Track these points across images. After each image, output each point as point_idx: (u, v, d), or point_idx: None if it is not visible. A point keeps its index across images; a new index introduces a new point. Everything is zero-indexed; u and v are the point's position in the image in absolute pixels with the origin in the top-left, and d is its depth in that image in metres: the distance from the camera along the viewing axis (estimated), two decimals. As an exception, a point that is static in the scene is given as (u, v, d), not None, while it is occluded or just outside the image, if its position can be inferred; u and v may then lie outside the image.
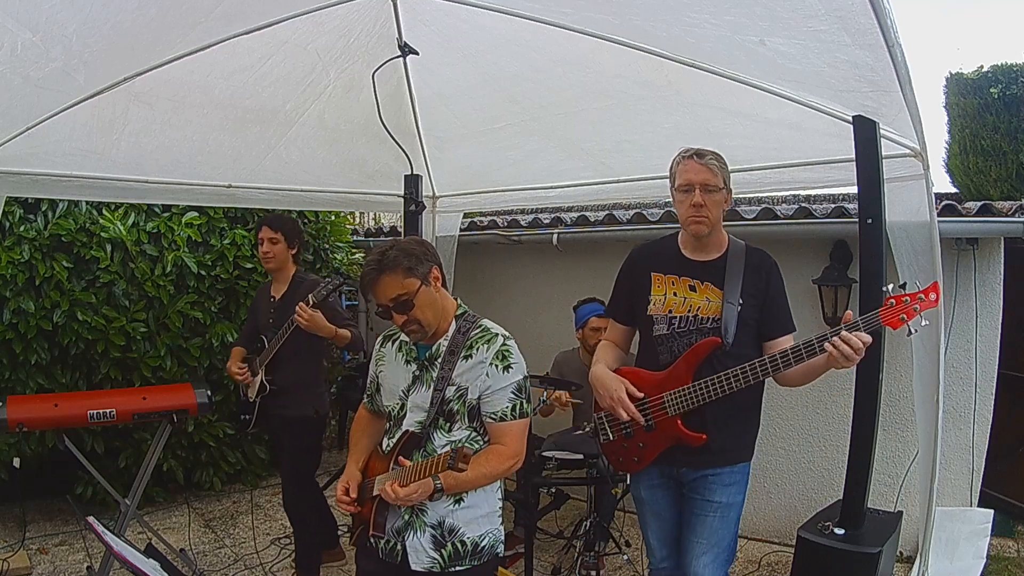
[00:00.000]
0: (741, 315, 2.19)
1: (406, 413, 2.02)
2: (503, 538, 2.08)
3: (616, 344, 2.47)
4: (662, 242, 2.41)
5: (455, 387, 1.95)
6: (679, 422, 2.20)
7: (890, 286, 2.04)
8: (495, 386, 1.94)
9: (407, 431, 1.98)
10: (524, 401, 1.98)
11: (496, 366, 1.94)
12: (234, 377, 3.51)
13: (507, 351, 1.97)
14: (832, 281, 3.80)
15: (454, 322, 2.02)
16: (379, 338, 2.19)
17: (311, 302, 3.09)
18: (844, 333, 1.97)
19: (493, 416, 1.95)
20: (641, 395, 2.25)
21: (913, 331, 2.01)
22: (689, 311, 2.24)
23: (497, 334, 2.00)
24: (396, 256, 1.90)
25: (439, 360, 1.98)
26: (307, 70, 3.07)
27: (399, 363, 2.07)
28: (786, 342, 2.22)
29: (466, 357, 1.96)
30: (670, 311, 2.26)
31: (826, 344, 1.99)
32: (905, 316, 1.98)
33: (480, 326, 2.02)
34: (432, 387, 1.97)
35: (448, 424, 1.97)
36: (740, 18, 2.13)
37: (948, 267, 3.43)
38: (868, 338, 1.98)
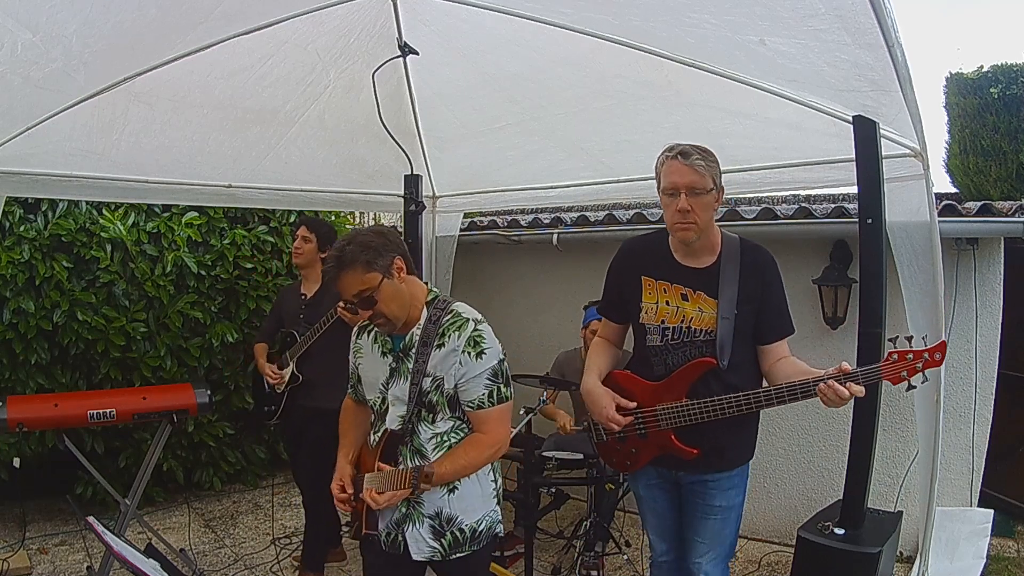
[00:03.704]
0: (737, 325, 2.12)
1: (388, 407, 2.00)
2: (500, 518, 2.08)
3: (610, 341, 2.42)
4: (653, 240, 2.30)
5: (431, 378, 1.92)
6: (672, 436, 2.17)
7: (897, 338, 1.97)
8: (470, 374, 1.90)
9: (387, 430, 1.97)
10: (502, 386, 1.94)
11: (469, 353, 1.89)
12: (268, 379, 3.58)
13: (479, 336, 1.91)
14: (832, 281, 3.80)
15: (425, 309, 1.98)
16: (355, 329, 2.15)
17: None
18: (834, 383, 1.92)
19: (471, 404, 1.93)
20: (634, 404, 2.21)
21: (912, 387, 1.94)
22: (682, 322, 2.16)
23: (468, 319, 1.94)
24: (353, 252, 1.86)
25: (413, 351, 1.95)
26: (307, 70, 3.07)
27: (375, 355, 2.05)
28: (782, 347, 2.17)
29: (439, 346, 1.92)
30: (663, 321, 2.19)
31: (819, 386, 1.94)
32: (907, 373, 1.92)
33: (451, 311, 1.96)
34: (410, 379, 1.94)
35: (431, 416, 1.95)
36: (740, 18, 2.13)
37: (948, 267, 3.42)
38: (860, 391, 1.92)
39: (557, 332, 4.89)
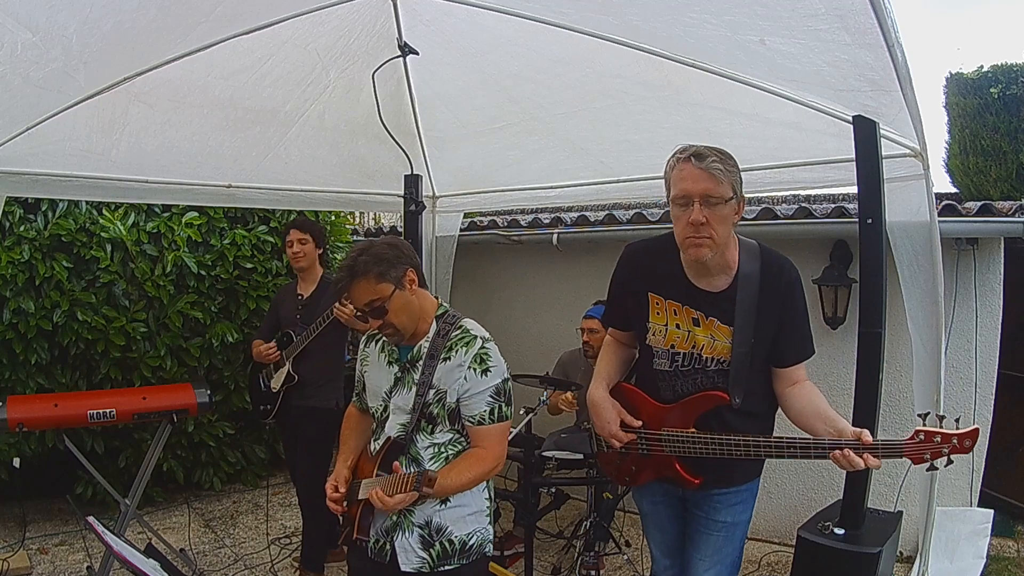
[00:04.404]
0: (754, 353, 1.94)
1: (389, 415, 2.01)
2: (491, 537, 2.08)
3: (622, 343, 2.25)
4: (661, 250, 2.04)
5: (435, 390, 1.95)
6: (675, 462, 2.04)
7: (927, 415, 1.79)
8: (473, 389, 1.93)
9: (389, 438, 1.98)
10: (503, 404, 1.97)
11: (474, 369, 1.92)
12: (264, 357, 3.56)
13: (486, 354, 1.94)
14: (832, 281, 3.80)
15: (435, 323, 2.01)
16: (363, 338, 2.19)
17: None
18: (850, 453, 1.76)
19: (472, 419, 1.95)
20: (639, 423, 2.08)
21: (934, 468, 1.78)
22: (693, 348, 1.98)
23: (476, 336, 1.97)
24: (367, 262, 1.89)
25: (420, 362, 1.97)
26: (307, 70, 3.07)
27: (381, 364, 2.07)
28: (799, 371, 2.00)
29: (445, 359, 1.95)
30: (672, 346, 2.01)
31: (834, 452, 1.79)
32: (930, 455, 1.74)
33: (460, 327, 1.99)
34: (414, 391, 1.96)
35: (430, 427, 1.97)
36: (740, 18, 2.13)
37: (948, 267, 3.42)
38: (876, 464, 1.76)
39: (557, 332, 4.89)
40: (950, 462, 1.76)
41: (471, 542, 1.99)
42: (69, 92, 2.58)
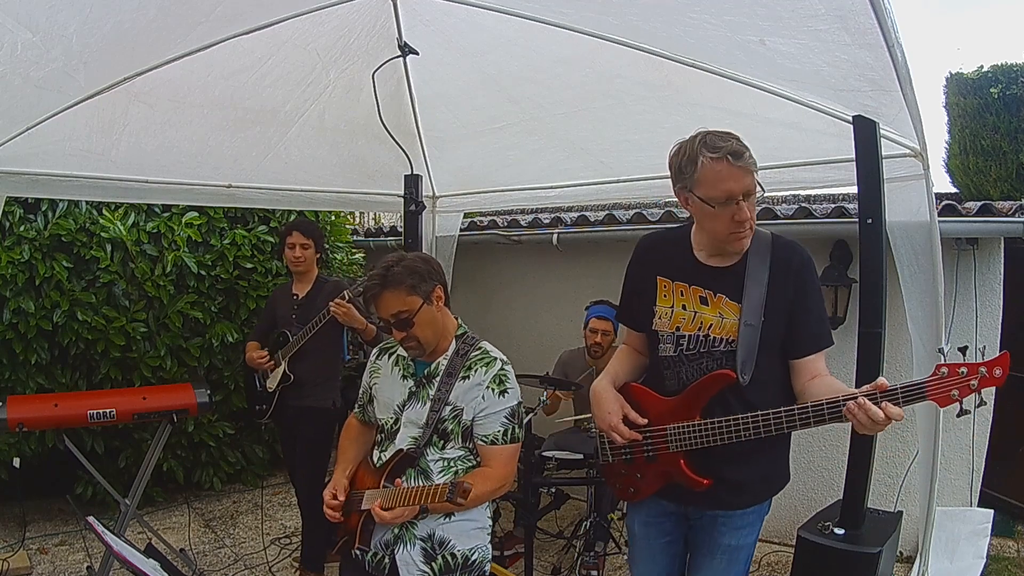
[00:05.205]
0: (763, 334, 1.83)
1: (400, 428, 2.02)
2: (491, 556, 2.08)
3: (635, 349, 2.13)
4: (673, 237, 2.03)
5: (451, 407, 1.96)
6: (681, 461, 1.89)
7: (947, 348, 1.67)
8: (489, 409, 1.95)
9: (400, 450, 1.98)
10: (516, 427, 1.99)
11: (492, 389, 1.96)
12: (256, 364, 3.56)
13: (504, 376, 1.98)
14: (832, 281, 3.80)
15: (454, 342, 2.04)
16: (375, 350, 2.21)
17: (347, 297, 3.26)
18: (865, 402, 1.61)
19: (484, 439, 1.97)
20: (644, 421, 1.94)
21: (965, 411, 1.60)
22: (700, 329, 1.88)
23: (496, 358, 2.01)
24: (400, 273, 1.92)
25: (437, 379, 1.99)
26: (307, 70, 3.07)
27: (395, 377, 2.08)
28: (817, 363, 1.86)
29: (464, 378, 1.97)
30: (677, 328, 1.91)
31: (848, 405, 1.64)
32: (958, 392, 1.56)
33: (480, 348, 2.03)
34: (428, 406, 1.98)
35: (442, 442, 1.98)
36: (740, 18, 2.13)
37: (948, 267, 3.43)
38: (898, 414, 1.59)
39: (557, 332, 4.90)
40: (982, 402, 1.57)
41: (474, 557, 2.00)
42: (69, 92, 2.57)
